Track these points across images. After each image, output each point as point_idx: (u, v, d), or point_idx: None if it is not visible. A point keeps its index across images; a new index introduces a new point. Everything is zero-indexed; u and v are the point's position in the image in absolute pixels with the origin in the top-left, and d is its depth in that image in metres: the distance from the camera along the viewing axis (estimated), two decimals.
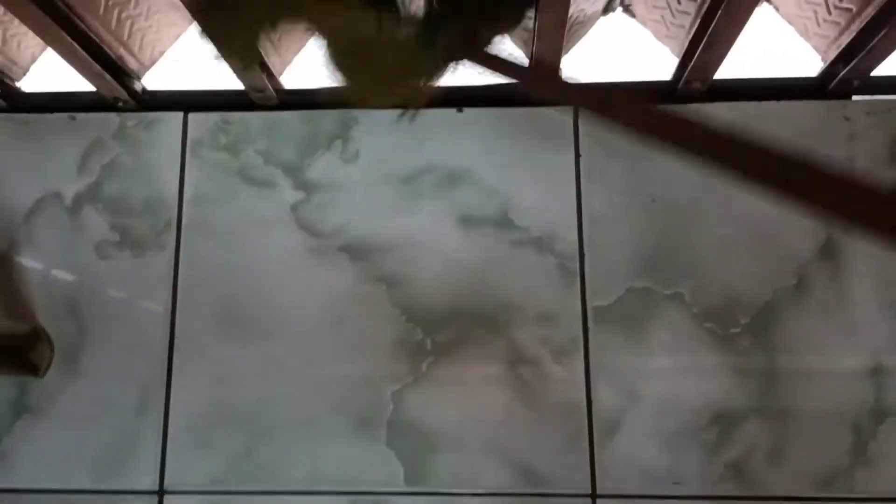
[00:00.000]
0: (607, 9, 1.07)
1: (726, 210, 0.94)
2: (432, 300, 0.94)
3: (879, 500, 0.87)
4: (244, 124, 1.01)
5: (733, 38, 0.90)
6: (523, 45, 1.00)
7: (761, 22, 1.09)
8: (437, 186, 0.97)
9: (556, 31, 0.86)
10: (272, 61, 1.00)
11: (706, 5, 0.88)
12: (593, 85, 0.89)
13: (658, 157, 0.97)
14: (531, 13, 0.84)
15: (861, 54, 0.92)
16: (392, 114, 1.00)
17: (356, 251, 0.95)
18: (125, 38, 0.97)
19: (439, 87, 1.03)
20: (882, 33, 0.88)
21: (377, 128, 1.00)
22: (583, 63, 1.07)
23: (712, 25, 0.87)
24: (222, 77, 0.98)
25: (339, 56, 0.68)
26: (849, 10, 0.94)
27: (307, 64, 1.05)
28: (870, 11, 0.89)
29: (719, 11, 0.84)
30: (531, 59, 0.95)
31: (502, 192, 0.97)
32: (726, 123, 0.40)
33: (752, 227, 0.93)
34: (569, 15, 0.94)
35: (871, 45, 0.90)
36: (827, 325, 0.90)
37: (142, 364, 0.95)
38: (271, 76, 1.00)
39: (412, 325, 0.93)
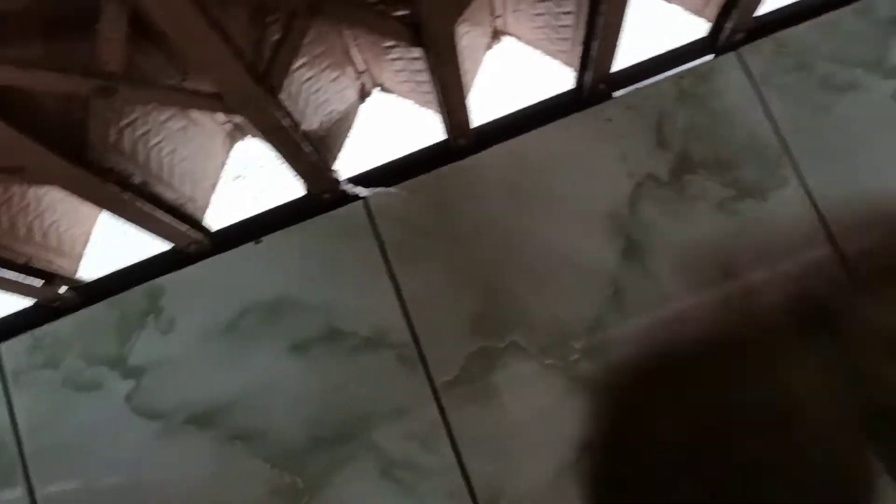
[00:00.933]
0: (364, 95, 1.09)
1: (530, 246, 0.96)
2: (290, 438, 0.93)
3: None
4: (56, 334, 0.99)
5: (462, 90, 0.91)
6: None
7: (511, 55, 1.14)
8: (259, 325, 0.97)
9: (296, 151, 0.87)
10: (60, 264, 0.99)
11: (436, 69, 0.91)
12: None
13: (454, 216, 0.98)
14: None
15: (592, 61, 0.96)
16: (196, 269, 1.00)
17: (202, 419, 0.94)
18: None
19: (231, 225, 1.04)
20: (598, 39, 0.92)
21: (184, 288, 0.99)
22: (360, 150, 1.09)
23: (440, 86, 0.89)
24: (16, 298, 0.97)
25: None
26: (568, 26, 0.98)
27: (99, 251, 1.05)
28: (581, 21, 0.93)
29: (441, 69, 0.86)
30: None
31: (323, 306, 0.97)
32: None
33: (558, 254, 0.95)
34: (317, 124, 0.97)
35: (595, 49, 0.94)
36: (653, 320, 0.93)
37: None
38: (64, 278, 0.99)
39: (279, 471, 0.92)
